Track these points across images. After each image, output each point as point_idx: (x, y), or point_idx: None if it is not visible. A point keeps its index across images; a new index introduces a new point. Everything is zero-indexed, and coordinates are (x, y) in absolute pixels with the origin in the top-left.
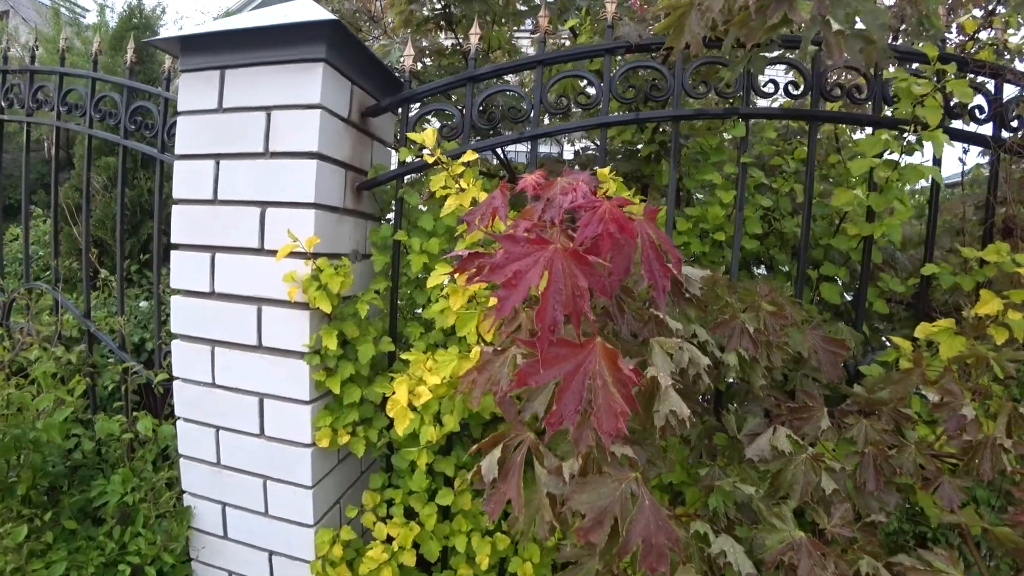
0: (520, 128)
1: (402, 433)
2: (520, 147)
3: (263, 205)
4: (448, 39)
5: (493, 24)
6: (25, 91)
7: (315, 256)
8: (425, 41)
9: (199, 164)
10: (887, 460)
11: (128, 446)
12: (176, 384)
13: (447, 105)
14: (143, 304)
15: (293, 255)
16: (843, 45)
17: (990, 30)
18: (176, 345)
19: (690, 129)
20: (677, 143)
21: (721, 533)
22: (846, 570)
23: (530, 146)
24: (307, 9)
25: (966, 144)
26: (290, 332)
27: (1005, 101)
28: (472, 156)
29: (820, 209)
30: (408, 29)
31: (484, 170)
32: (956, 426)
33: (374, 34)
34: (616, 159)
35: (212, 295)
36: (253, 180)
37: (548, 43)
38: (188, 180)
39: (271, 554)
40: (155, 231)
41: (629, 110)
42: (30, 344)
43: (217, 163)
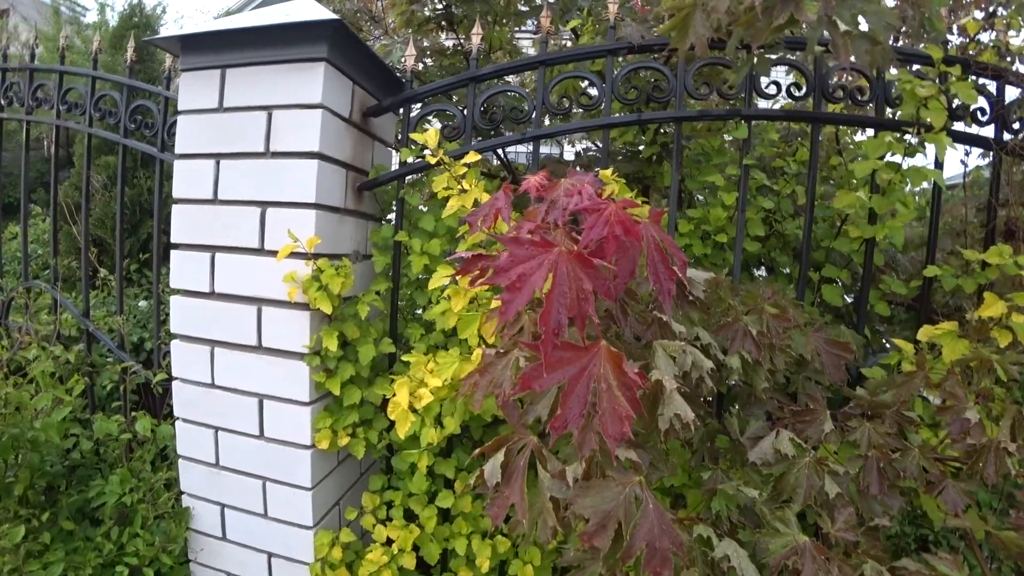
0: (522, 129)
1: (403, 435)
2: (520, 148)
3: (263, 205)
4: (449, 39)
5: (495, 24)
6: (25, 89)
7: (316, 256)
8: (426, 41)
9: (199, 163)
10: (890, 463)
11: (127, 446)
12: (175, 384)
13: (449, 105)
14: (142, 303)
15: (293, 255)
16: (850, 46)
17: (991, 32)
18: (175, 345)
19: (692, 130)
20: (679, 144)
21: (724, 537)
22: (850, 574)
23: (532, 147)
24: (308, 8)
25: (968, 146)
26: (290, 333)
27: (1007, 103)
28: (475, 157)
29: (822, 211)
30: (409, 29)
31: (485, 171)
32: (960, 429)
33: (375, 34)
34: (617, 160)
35: (212, 295)
36: (253, 180)
37: (550, 44)
38: (188, 179)
39: (270, 556)
40: (155, 230)
41: (631, 111)
42: (28, 343)
43: (217, 163)
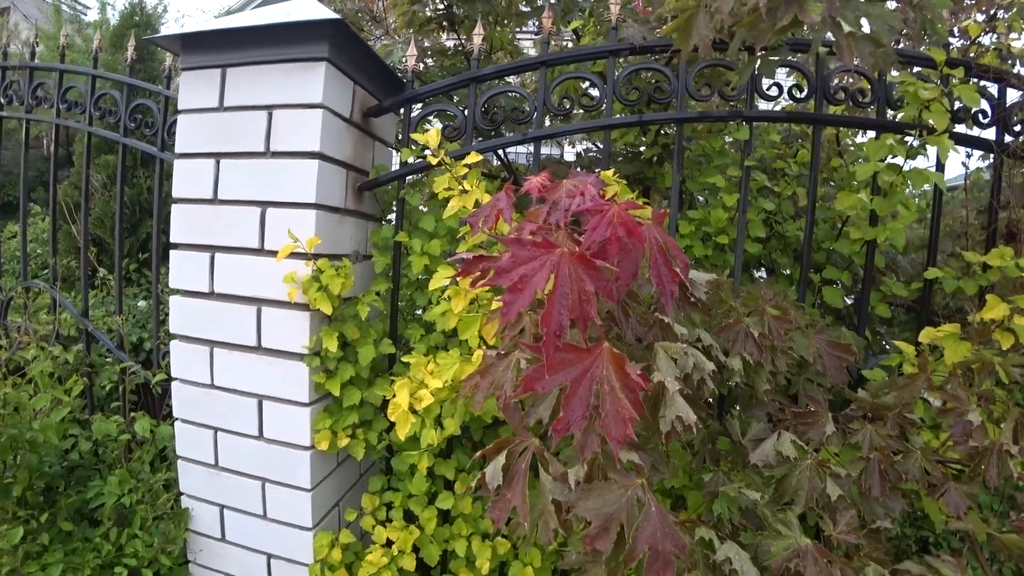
0: (523, 130)
1: (403, 437)
2: (520, 148)
3: (263, 205)
4: (451, 40)
5: (496, 25)
6: (25, 88)
7: (316, 257)
8: (428, 41)
9: (199, 163)
10: (892, 466)
11: (126, 447)
12: (174, 385)
13: (450, 106)
14: (142, 303)
15: (293, 256)
16: (854, 47)
17: (992, 34)
18: (175, 345)
19: (692, 132)
20: (680, 146)
21: (726, 539)
22: None
23: (533, 148)
24: (310, 8)
25: (969, 148)
26: (290, 333)
27: (1008, 106)
28: (476, 158)
29: (823, 213)
30: (411, 29)
31: (485, 171)
32: (962, 432)
33: (376, 34)
34: (618, 161)
35: (211, 295)
36: (254, 180)
37: (551, 44)
38: (188, 179)
39: (269, 557)
40: (154, 230)
41: (632, 112)
42: (27, 343)
43: (217, 162)
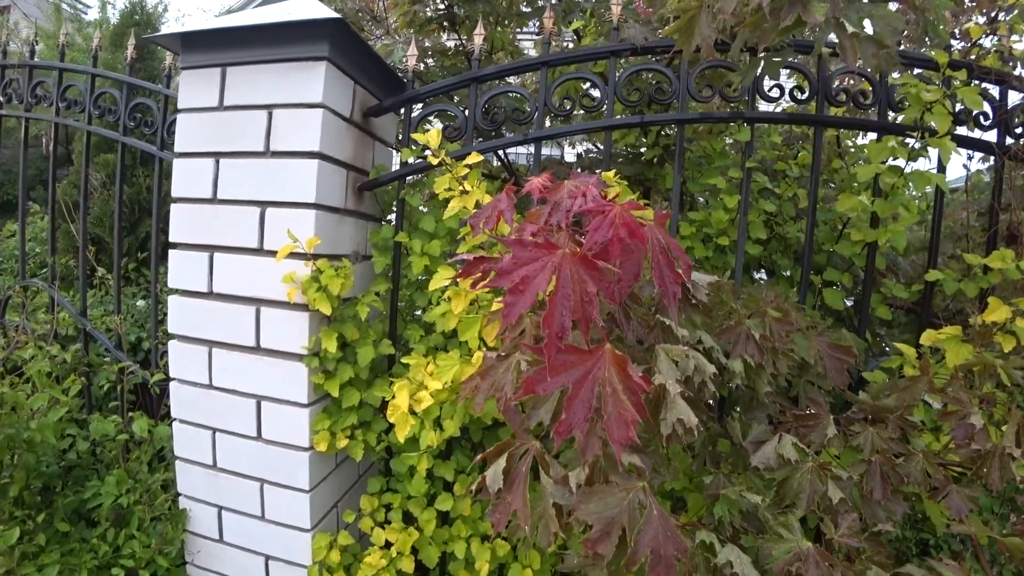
0: (524, 130)
1: (402, 439)
2: (521, 149)
3: (263, 205)
4: (451, 40)
5: (496, 25)
6: (24, 86)
7: (315, 257)
8: (428, 42)
9: (199, 162)
10: (894, 469)
11: (123, 447)
12: (172, 385)
13: (450, 106)
14: (140, 303)
15: (293, 256)
16: (857, 48)
17: (993, 36)
18: (173, 345)
19: (693, 133)
20: (681, 147)
21: (727, 543)
22: None
23: (533, 148)
24: (310, 7)
25: (970, 151)
26: (289, 334)
27: (1010, 108)
28: (477, 158)
29: (823, 214)
30: (411, 29)
31: (485, 172)
32: (965, 435)
33: (377, 34)
34: (619, 162)
35: (210, 295)
36: (253, 179)
37: (552, 45)
38: (187, 178)
39: (267, 559)
40: (153, 229)
41: (633, 113)
42: (25, 342)
43: (217, 161)
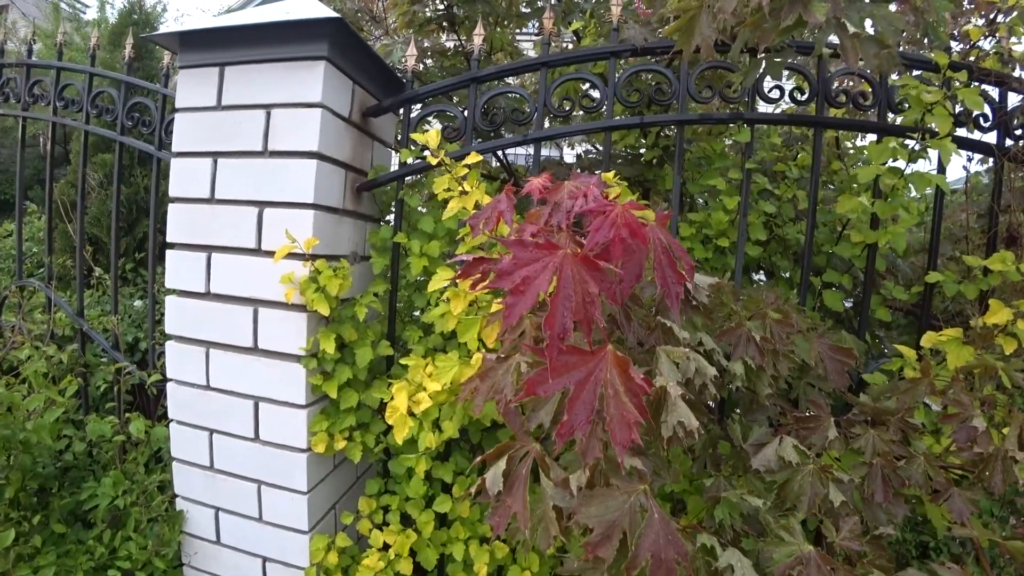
0: (523, 131)
1: (401, 440)
2: (520, 150)
3: (261, 205)
4: (451, 40)
5: (496, 26)
6: (22, 85)
7: (313, 257)
8: (427, 42)
9: (196, 162)
10: (895, 471)
11: (120, 448)
12: (170, 386)
13: (449, 106)
14: (137, 303)
15: (291, 256)
16: (859, 48)
17: (992, 38)
18: (170, 346)
19: (693, 134)
20: (681, 148)
21: (728, 546)
22: None
23: (533, 149)
24: (309, 7)
25: (970, 152)
26: (286, 334)
27: (1009, 110)
28: (477, 158)
29: (823, 216)
30: (411, 30)
31: (484, 172)
32: (967, 437)
33: (376, 34)
34: (618, 163)
35: (207, 295)
36: (251, 179)
37: (552, 46)
38: (185, 178)
39: (265, 560)
40: (151, 229)
41: (633, 114)
42: (21, 343)
43: (215, 161)
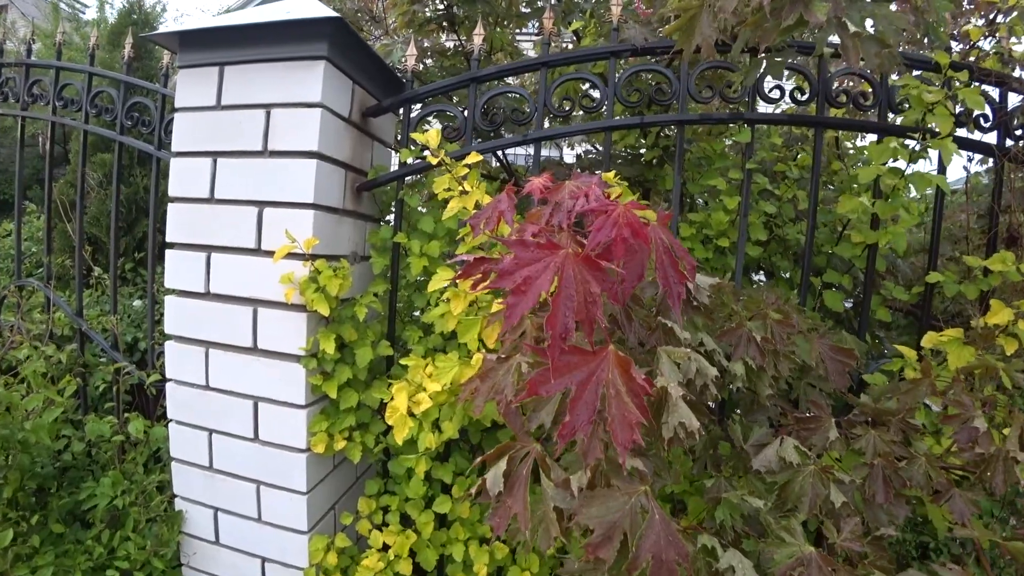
0: (523, 131)
1: (401, 441)
2: (519, 150)
3: (261, 205)
4: (451, 40)
5: (496, 26)
6: (21, 85)
7: (313, 257)
8: (427, 42)
9: (196, 162)
10: (896, 472)
11: (119, 448)
12: (169, 386)
13: (449, 106)
14: (137, 303)
15: (291, 256)
16: (860, 48)
17: (992, 38)
18: (169, 346)
19: (693, 134)
20: (682, 148)
21: (729, 547)
22: None
23: (533, 149)
24: (309, 6)
25: (970, 152)
26: (286, 334)
27: (1010, 110)
28: (477, 158)
29: (823, 216)
30: (410, 29)
31: (484, 172)
32: (968, 438)
33: (376, 34)
34: (618, 163)
35: (207, 295)
36: (251, 179)
37: (552, 45)
38: (184, 178)
39: (264, 561)
40: (150, 229)
41: (633, 114)
42: (20, 342)
43: (214, 161)
